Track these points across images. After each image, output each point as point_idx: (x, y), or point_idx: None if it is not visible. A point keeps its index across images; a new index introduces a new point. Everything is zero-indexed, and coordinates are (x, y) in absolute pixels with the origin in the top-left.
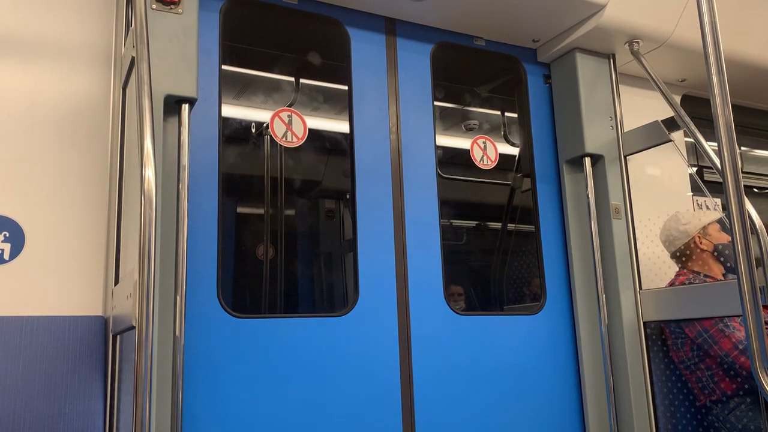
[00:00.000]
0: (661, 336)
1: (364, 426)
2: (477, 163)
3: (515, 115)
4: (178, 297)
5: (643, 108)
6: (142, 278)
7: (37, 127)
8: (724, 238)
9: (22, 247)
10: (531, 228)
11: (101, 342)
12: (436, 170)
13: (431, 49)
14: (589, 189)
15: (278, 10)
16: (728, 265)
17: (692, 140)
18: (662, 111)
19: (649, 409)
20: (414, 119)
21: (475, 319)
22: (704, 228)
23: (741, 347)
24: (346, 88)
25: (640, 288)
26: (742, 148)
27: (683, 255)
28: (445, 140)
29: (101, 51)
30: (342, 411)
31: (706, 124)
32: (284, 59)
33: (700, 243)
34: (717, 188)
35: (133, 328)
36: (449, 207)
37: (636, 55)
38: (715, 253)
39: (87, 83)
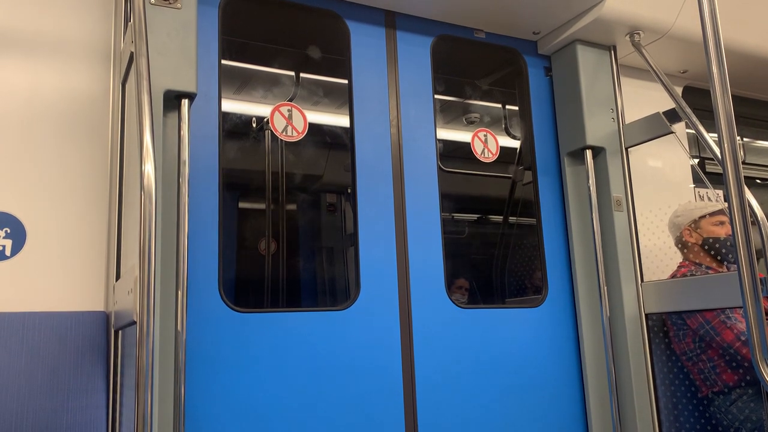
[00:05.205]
0: (663, 328)
1: (367, 419)
2: (478, 156)
3: (516, 108)
4: (179, 292)
5: (644, 100)
6: (143, 274)
7: (37, 123)
8: (717, 231)
9: (24, 243)
10: (532, 221)
11: (103, 337)
12: (437, 163)
13: (431, 42)
14: (590, 181)
15: (277, 4)
16: (718, 258)
17: (693, 131)
18: (663, 102)
19: (651, 401)
20: (414, 112)
21: (477, 312)
22: (696, 221)
23: (743, 338)
24: (346, 82)
25: (642, 280)
26: (744, 139)
27: (684, 246)
28: (446, 133)
29: (100, 47)
30: (344, 405)
31: (708, 116)
32: (284, 53)
33: (689, 236)
34: (719, 179)
35: (135, 323)
36: (450, 200)
37: (637, 46)
38: (706, 247)
39: (86, 79)
